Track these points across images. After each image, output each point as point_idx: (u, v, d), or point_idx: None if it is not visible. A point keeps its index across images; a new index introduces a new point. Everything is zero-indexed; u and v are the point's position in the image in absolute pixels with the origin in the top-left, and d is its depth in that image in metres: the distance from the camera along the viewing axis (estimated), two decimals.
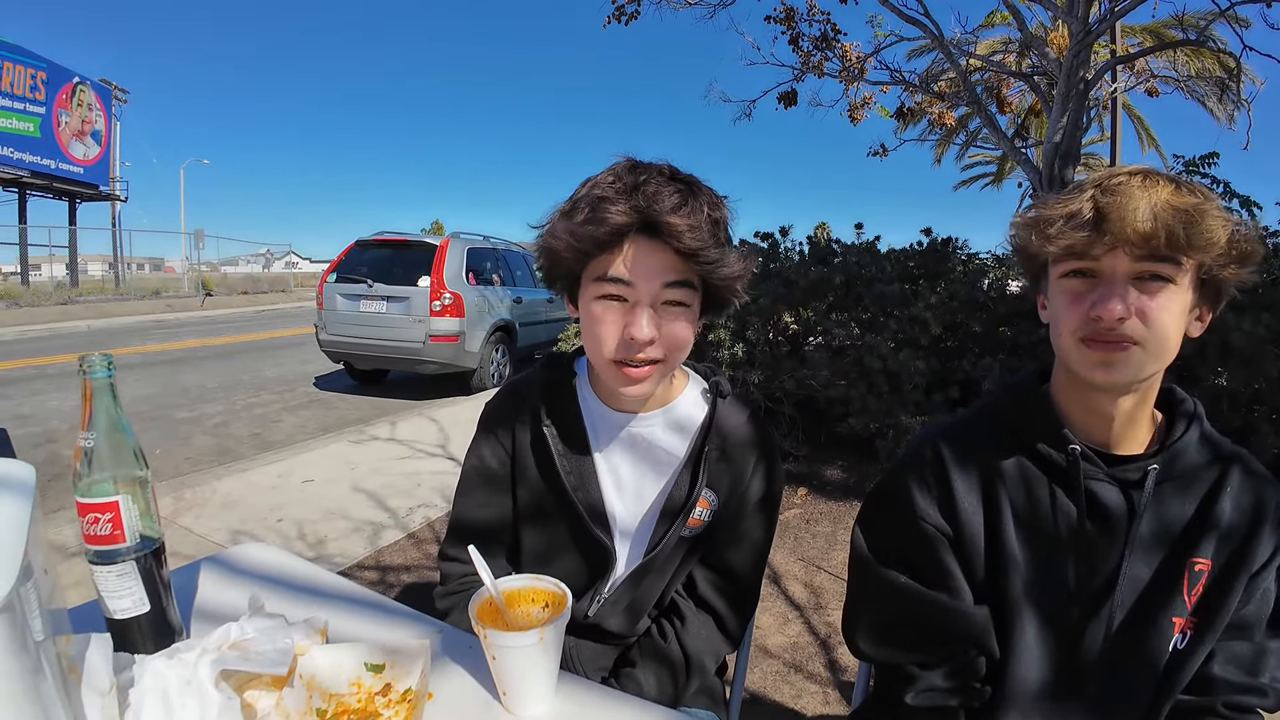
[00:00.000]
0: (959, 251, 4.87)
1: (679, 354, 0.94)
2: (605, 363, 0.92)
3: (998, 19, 11.65)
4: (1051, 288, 0.85)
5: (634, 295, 0.88)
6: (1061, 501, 0.86)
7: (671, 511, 1.02)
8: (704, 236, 0.86)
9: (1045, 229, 0.80)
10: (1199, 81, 10.21)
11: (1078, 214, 0.78)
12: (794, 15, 8.12)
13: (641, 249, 0.87)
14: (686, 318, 0.92)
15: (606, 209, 0.85)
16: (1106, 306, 0.76)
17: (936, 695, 0.90)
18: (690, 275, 0.89)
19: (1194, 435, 0.86)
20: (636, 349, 0.89)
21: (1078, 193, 0.80)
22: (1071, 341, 0.81)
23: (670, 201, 0.84)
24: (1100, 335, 0.78)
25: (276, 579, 1.01)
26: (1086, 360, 0.80)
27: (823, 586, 2.83)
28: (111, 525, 0.75)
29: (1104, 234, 0.76)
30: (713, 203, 0.90)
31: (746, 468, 1.04)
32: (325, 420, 6.02)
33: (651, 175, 0.87)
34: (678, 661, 1.04)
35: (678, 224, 0.84)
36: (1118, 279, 0.77)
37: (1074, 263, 0.80)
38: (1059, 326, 0.83)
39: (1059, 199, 0.81)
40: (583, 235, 0.86)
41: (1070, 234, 0.78)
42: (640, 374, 0.91)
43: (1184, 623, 0.84)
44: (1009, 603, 0.87)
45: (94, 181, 21.45)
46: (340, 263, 7.10)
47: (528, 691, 0.74)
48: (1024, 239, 0.85)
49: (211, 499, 3.65)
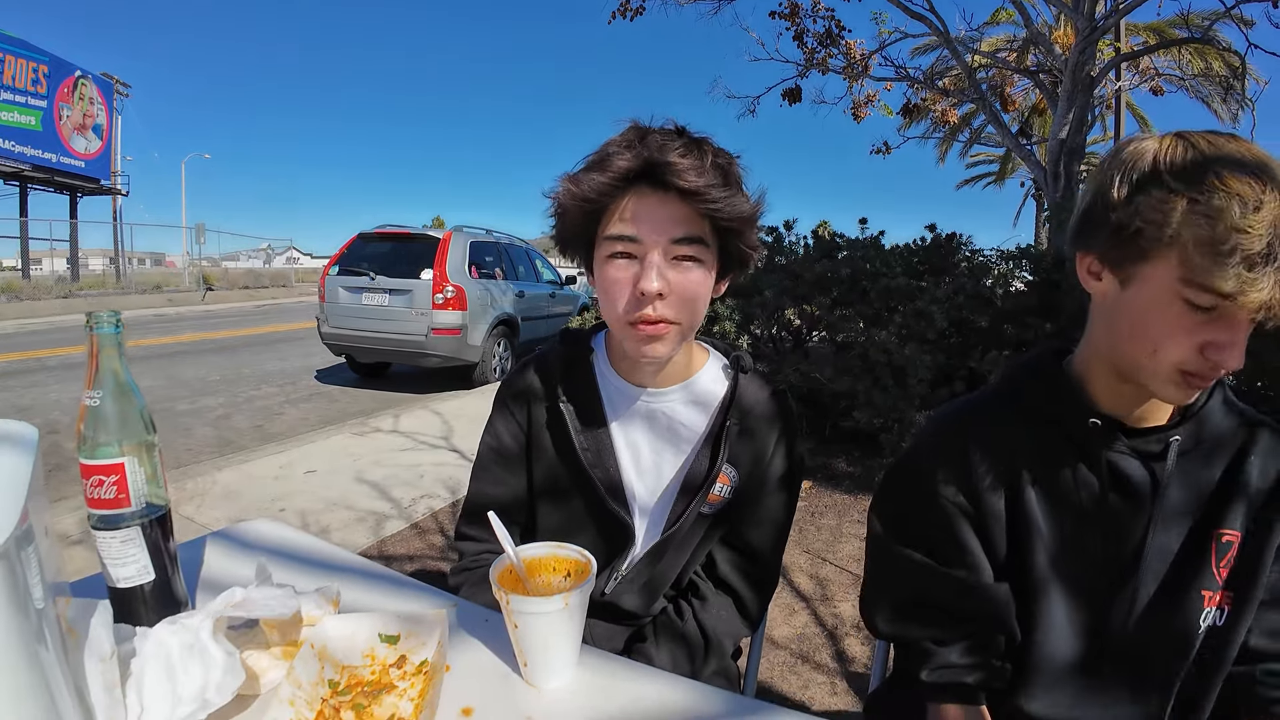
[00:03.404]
0: (963, 248, 4.86)
1: (694, 313, 0.91)
2: (621, 324, 0.91)
3: (1003, 16, 11.63)
4: (1157, 293, 0.72)
5: (642, 250, 0.87)
6: (1083, 474, 0.84)
7: (691, 487, 1.00)
8: (709, 178, 0.84)
9: (1234, 254, 0.65)
10: (1203, 81, 10.18)
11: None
12: (798, 11, 8.10)
13: (646, 201, 0.86)
14: (700, 274, 0.89)
15: (610, 158, 0.85)
16: (1232, 359, 0.70)
17: (953, 672, 0.87)
18: (699, 228, 0.87)
19: (1217, 400, 0.84)
20: (647, 303, 0.87)
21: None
22: (1169, 367, 0.73)
23: (676, 149, 0.84)
24: (1205, 373, 0.72)
25: (286, 553, 0.99)
26: (1177, 388, 0.75)
27: (829, 578, 2.81)
28: (116, 489, 0.72)
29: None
30: (720, 153, 0.89)
31: (768, 444, 1.02)
32: (327, 413, 6.00)
33: (657, 131, 0.88)
34: (695, 640, 1.01)
35: (680, 163, 0.83)
36: (1243, 326, 0.70)
37: (1209, 297, 0.68)
38: (1160, 344, 0.73)
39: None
40: (587, 183, 0.86)
41: (1259, 283, 0.65)
42: (655, 331, 0.89)
43: (1220, 597, 0.82)
44: (1034, 578, 0.85)
45: (95, 175, 21.38)
46: (343, 255, 7.08)
47: (550, 662, 0.71)
48: (1175, 222, 0.69)
49: (212, 489, 3.62)
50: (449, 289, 6.55)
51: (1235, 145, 0.71)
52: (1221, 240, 0.65)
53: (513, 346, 7.53)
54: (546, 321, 8.41)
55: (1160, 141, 0.75)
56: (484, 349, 6.91)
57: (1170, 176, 0.71)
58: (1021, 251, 4.69)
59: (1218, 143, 0.71)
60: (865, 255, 4.69)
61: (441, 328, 6.53)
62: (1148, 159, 0.74)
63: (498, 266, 7.66)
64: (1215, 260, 0.65)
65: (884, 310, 4.28)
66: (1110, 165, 0.77)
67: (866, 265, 4.51)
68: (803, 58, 8.37)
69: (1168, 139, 0.74)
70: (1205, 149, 0.71)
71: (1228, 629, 0.82)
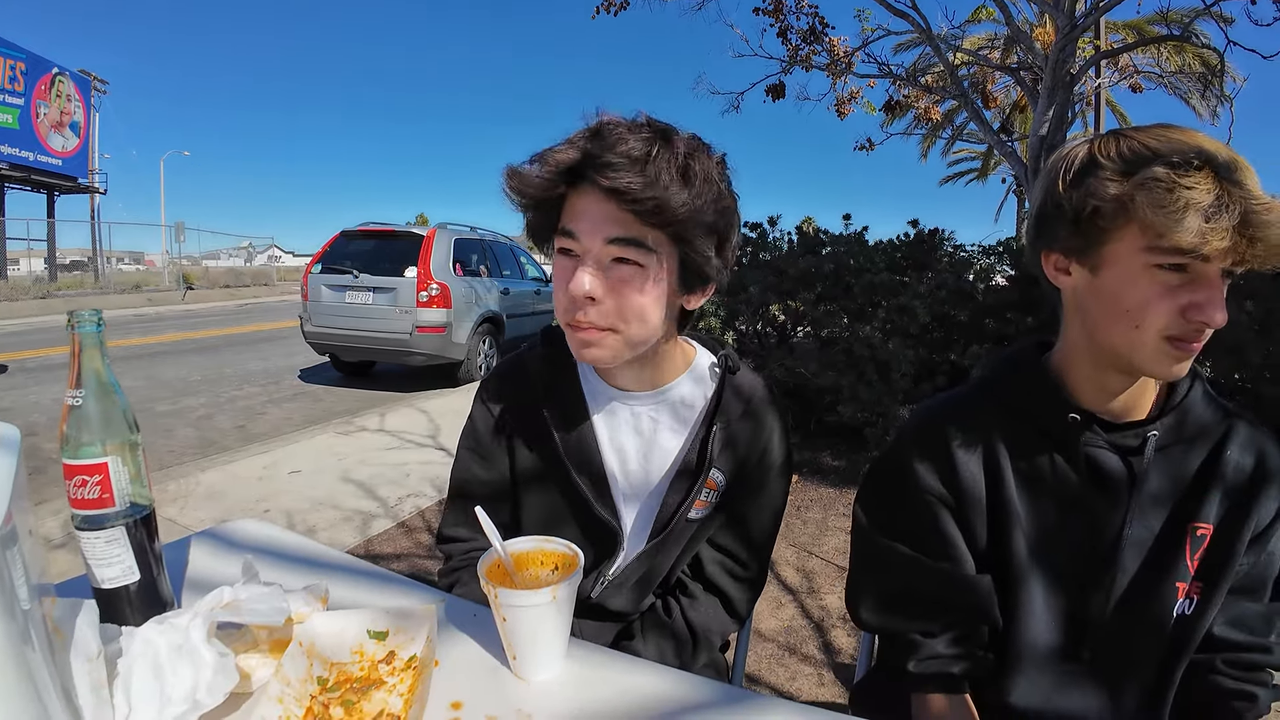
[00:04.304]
0: (945, 243, 4.90)
1: (634, 325, 0.85)
2: (562, 324, 0.89)
3: (984, 14, 11.72)
4: (1128, 268, 0.74)
5: (580, 249, 0.83)
6: (1061, 467, 0.85)
7: (680, 491, 0.98)
8: (649, 177, 0.77)
9: (1187, 210, 0.67)
10: (1181, 78, 10.32)
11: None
12: (782, 7, 8.11)
13: (587, 198, 0.82)
14: (639, 282, 0.83)
15: (553, 151, 0.81)
16: (1215, 315, 0.71)
17: (940, 663, 0.89)
18: (638, 231, 0.81)
19: (1198, 392, 0.85)
20: (578, 307, 0.83)
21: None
22: (1155, 337, 0.74)
23: (626, 145, 0.78)
24: (1190, 336, 0.74)
25: (272, 552, 0.98)
26: (1167, 357, 0.75)
27: (815, 571, 2.84)
28: (100, 488, 0.72)
29: (1253, 241, 0.68)
30: (688, 151, 0.81)
31: (756, 445, 1.00)
32: (311, 412, 5.95)
33: (619, 124, 0.81)
34: (683, 637, 1.01)
35: (613, 160, 0.77)
36: (1217, 282, 0.72)
37: (1178, 257, 0.71)
38: (1142, 316, 0.74)
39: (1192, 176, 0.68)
40: (523, 176, 0.83)
41: (1219, 232, 0.67)
42: (587, 337, 0.85)
43: (1188, 587, 0.84)
44: (1015, 568, 0.86)
45: (72, 174, 21.07)
46: (325, 254, 7.02)
47: (538, 654, 0.72)
48: (1124, 195, 0.72)
49: (196, 490, 3.59)
50: (433, 287, 6.51)
51: (1163, 129, 0.74)
52: (1172, 199, 0.67)
53: (498, 344, 7.50)
54: (532, 319, 8.38)
55: (1092, 141, 0.79)
56: (469, 347, 6.89)
57: (1110, 161, 0.74)
58: (1003, 246, 4.73)
59: (1147, 129, 0.75)
60: (849, 251, 4.72)
61: (426, 326, 6.49)
62: (1084, 152, 0.78)
63: (482, 264, 7.63)
64: (1172, 219, 0.68)
65: (868, 305, 4.31)
66: (1051, 168, 0.81)
67: (850, 261, 4.54)
68: (786, 54, 8.39)
69: (1099, 137, 0.78)
70: (1136, 134, 0.75)
71: (1195, 618, 0.84)
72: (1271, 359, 3.23)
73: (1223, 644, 0.86)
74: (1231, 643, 0.85)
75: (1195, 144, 0.71)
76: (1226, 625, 0.85)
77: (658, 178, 0.77)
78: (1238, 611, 0.86)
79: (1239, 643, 0.85)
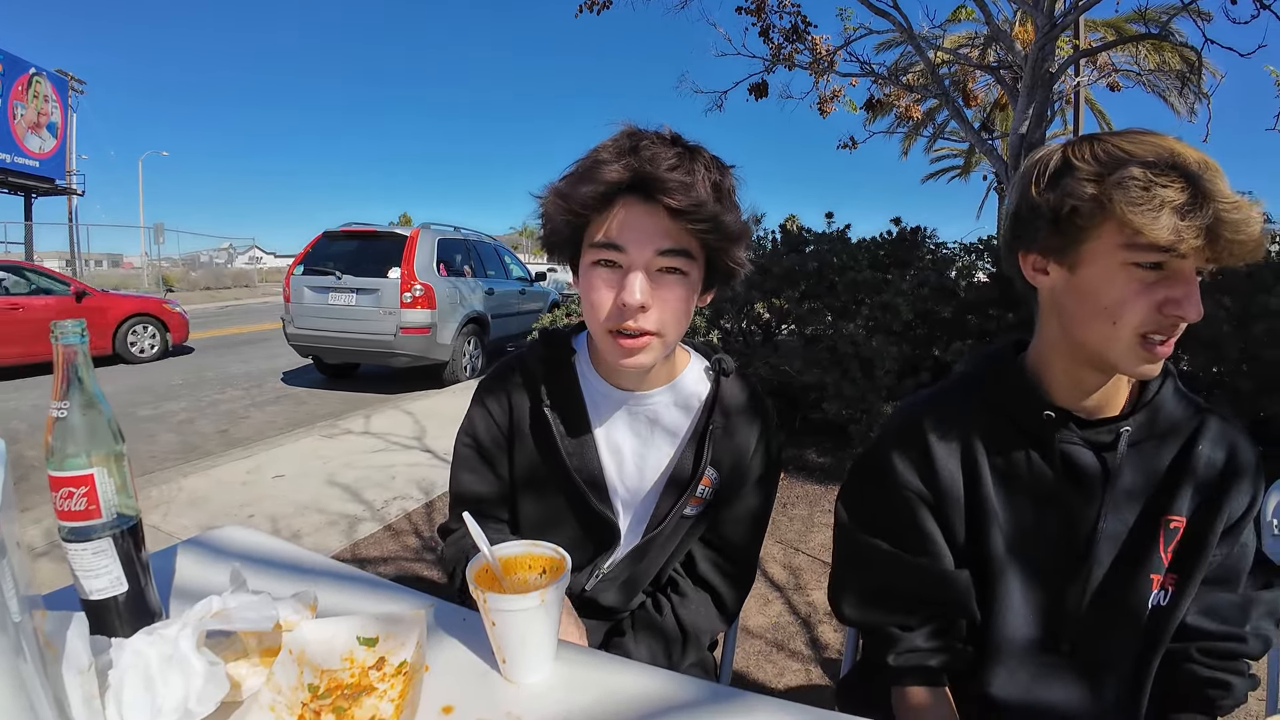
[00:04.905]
0: (928, 241, 4.95)
1: (676, 327, 0.91)
2: (602, 332, 0.91)
3: (965, 14, 11.82)
4: (1105, 266, 0.77)
5: (627, 260, 0.86)
6: (1037, 463, 0.87)
7: (675, 490, 1.01)
8: (699, 195, 0.83)
9: (1163, 208, 0.70)
10: (1159, 75, 10.45)
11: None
12: (765, 6, 8.14)
13: (634, 211, 0.85)
14: (684, 288, 0.89)
15: (600, 168, 0.84)
16: (1191, 309, 0.73)
17: (919, 656, 0.91)
18: (686, 242, 0.87)
19: (1169, 389, 0.87)
20: (629, 315, 0.87)
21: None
22: (1131, 334, 0.76)
23: (668, 161, 0.83)
24: (1166, 332, 0.76)
25: (260, 559, 0.98)
26: (1140, 357, 0.78)
27: (801, 567, 2.86)
28: (86, 500, 0.71)
29: (1224, 238, 0.70)
30: (714, 166, 0.87)
31: (748, 446, 1.03)
32: (295, 415, 5.91)
33: (651, 138, 0.86)
34: (673, 635, 1.03)
35: (671, 180, 0.82)
36: (1192, 279, 0.74)
37: (1155, 254, 0.73)
38: (1119, 313, 0.76)
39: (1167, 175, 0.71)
40: (575, 196, 0.85)
41: (1193, 229, 0.69)
42: (636, 344, 0.89)
43: (1163, 579, 0.86)
44: (992, 562, 0.88)
45: (50, 175, 20.72)
46: (308, 255, 6.97)
47: (527, 658, 0.73)
48: (1101, 195, 0.74)
49: (178, 496, 3.56)
50: (417, 287, 6.49)
51: (1136, 132, 0.77)
52: (1149, 197, 0.70)
53: (483, 344, 7.49)
54: (517, 318, 8.37)
55: (1065, 146, 0.81)
56: (454, 347, 6.87)
57: (1085, 163, 0.76)
58: (984, 243, 4.78)
59: (1120, 133, 0.78)
60: (832, 249, 4.75)
61: (410, 327, 6.47)
62: (1058, 156, 0.80)
63: (466, 264, 7.60)
64: (1148, 216, 0.70)
65: (851, 303, 4.34)
66: (1026, 172, 0.83)
67: (834, 259, 4.57)
68: (769, 53, 8.41)
69: (1072, 142, 0.81)
70: (1109, 138, 0.77)
71: (1169, 609, 0.86)
72: (1247, 353, 3.29)
73: (1197, 633, 0.88)
74: (1205, 632, 0.87)
75: (1168, 146, 0.73)
76: (1200, 615, 0.87)
77: (703, 195, 0.83)
78: (1212, 602, 0.88)
79: (1213, 632, 0.87)
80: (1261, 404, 3.23)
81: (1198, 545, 0.85)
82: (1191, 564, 0.85)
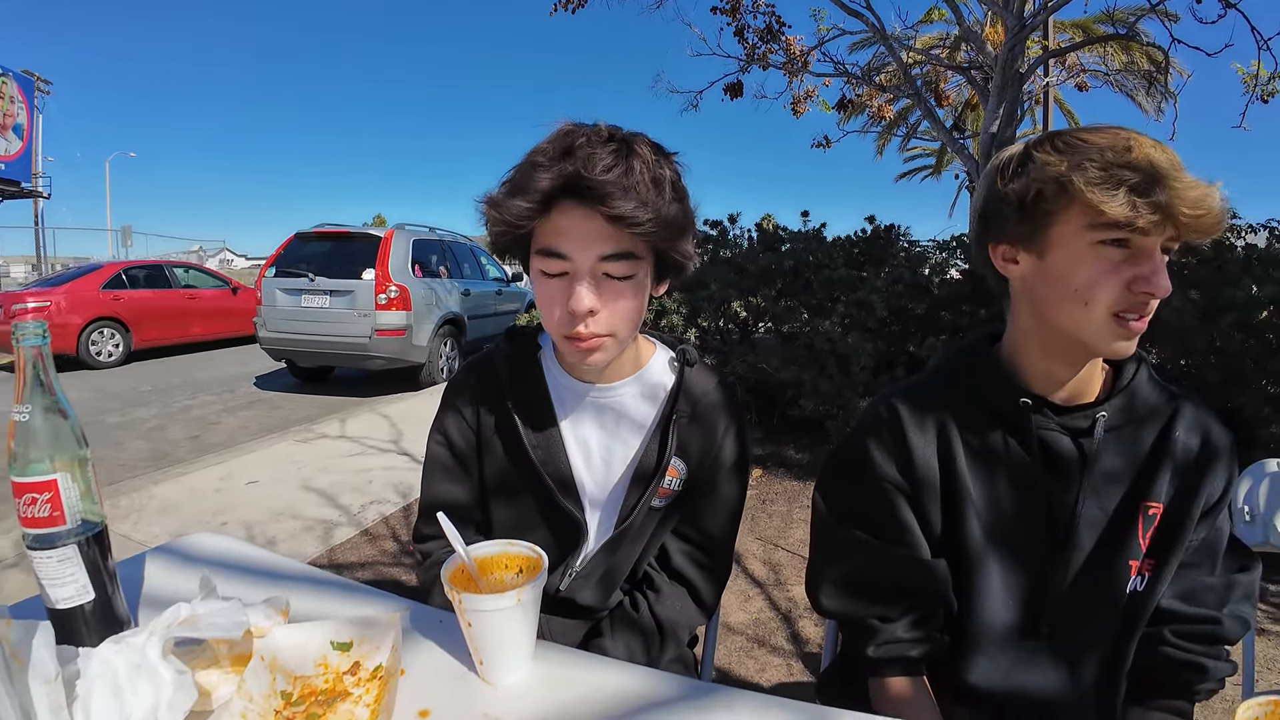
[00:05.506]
0: (901, 239, 5.01)
1: (628, 325, 0.91)
2: (557, 336, 0.91)
3: (936, 15, 11.95)
4: (1074, 249, 0.78)
5: (572, 267, 0.85)
6: (1015, 450, 0.88)
7: (641, 480, 1.01)
8: (638, 196, 0.81)
9: (1121, 185, 0.73)
10: (1127, 75, 10.64)
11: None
12: (739, 7, 8.17)
13: (573, 217, 0.83)
14: (632, 287, 0.88)
15: (533, 176, 0.82)
16: (1159, 283, 0.75)
17: (898, 647, 0.91)
18: (629, 245, 0.85)
19: (1143, 375, 0.89)
20: (579, 321, 0.86)
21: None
22: (1104, 313, 0.78)
23: (603, 163, 0.80)
24: (1137, 309, 0.77)
25: (231, 565, 0.97)
26: (1114, 335, 0.79)
27: (781, 563, 2.88)
28: (50, 506, 0.70)
29: (1165, 213, 0.72)
30: (654, 160, 0.85)
31: (715, 435, 1.04)
32: (268, 420, 5.83)
33: (587, 137, 0.83)
34: (650, 630, 1.03)
35: (606, 184, 0.79)
36: (1157, 254, 0.76)
37: (1118, 231, 0.75)
38: (1090, 293, 0.78)
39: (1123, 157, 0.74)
40: (510, 208, 0.83)
41: (1151, 205, 0.72)
42: (589, 345, 0.89)
43: (1140, 564, 0.87)
44: (970, 550, 0.89)
45: (15, 178, 20.22)
46: (279, 256, 6.86)
47: (505, 658, 0.72)
48: (1064, 177, 0.76)
49: (149, 504, 3.49)
50: (392, 289, 6.42)
51: (1094, 126, 0.80)
52: (1107, 176, 0.73)
53: (460, 346, 7.44)
54: (494, 319, 8.33)
55: (1027, 143, 0.84)
56: (430, 349, 6.81)
57: (1046, 154, 0.79)
58: (956, 241, 4.85)
59: (1079, 128, 0.81)
60: (808, 247, 4.79)
61: (385, 329, 6.40)
62: (1019, 149, 0.84)
63: (442, 265, 7.55)
64: (1110, 195, 0.73)
65: (827, 300, 4.38)
66: (991, 169, 0.86)
67: (809, 257, 4.61)
68: (744, 53, 8.45)
69: (1033, 140, 0.84)
70: (1069, 131, 0.81)
71: (1146, 594, 0.87)
72: (1215, 345, 3.37)
73: (1171, 616, 0.89)
74: (1180, 615, 0.89)
75: (1125, 133, 0.76)
76: (1175, 598, 0.89)
77: (642, 195, 0.81)
78: (1188, 585, 0.89)
79: (1187, 615, 0.89)
80: (1229, 394, 3.31)
81: (1175, 530, 0.86)
82: (1169, 549, 0.86)
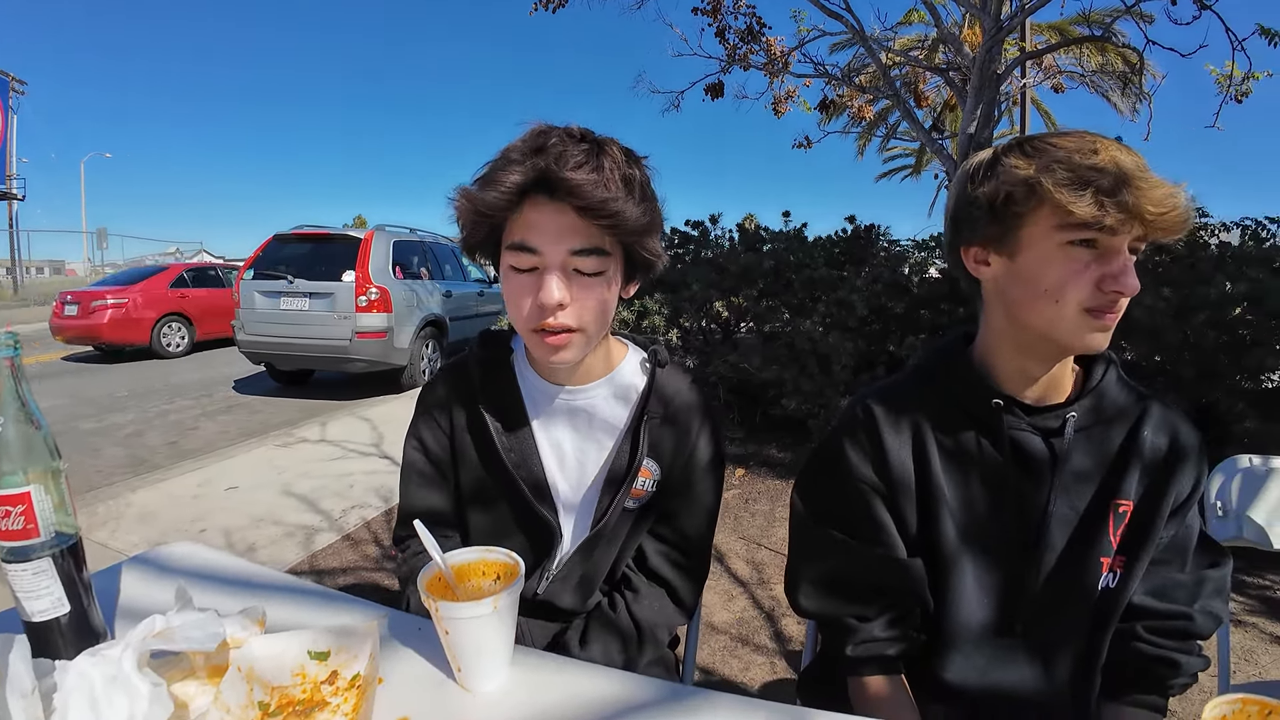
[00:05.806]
0: (881, 238, 5.06)
1: (597, 321, 0.92)
2: (526, 331, 0.92)
3: (915, 17, 12.05)
4: (1043, 249, 0.80)
5: (542, 261, 0.87)
6: (987, 450, 0.90)
7: (614, 482, 1.02)
8: (606, 191, 0.83)
9: (1088, 186, 0.75)
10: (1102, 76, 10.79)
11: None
12: (720, 7, 8.20)
13: (543, 211, 0.86)
14: (601, 283, 0.90)
15: (506, 169, 0.84)
16: (1128, 281, 0.77)
17: (876, 645, 0.93)
18: (599, 240, 0.87)
19: (1112, 376, 0.91)
20: (548, 314, 0.88)
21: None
22: (1075, 311, 0.80)
23: (575, 159, 0.82)
24: (1107, 307, 0.79)
25: (207, 575, 0.96)
26: (1087, 328, 0.81)
27: (764, 562, 2.90)
28: (24, 519, 0.69)
29: (1132, 212, 0.75)
30: (624, 160, 0.87)
31: (689, 435, 1.04)
32: (248, 425, 5.76)
33: (559, 136, 0.85)
34: (628, 632, 1.04)
35: (575, 177, 0.81)
36: (1125, 254, 0.78)
37: (1086, 231, 0.77)
38: (1061, 291, 0.80)
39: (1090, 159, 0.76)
40: (482, 199, 0.85)
41: (1118, 204, 0.74)
42: (558, 341, 0.90)
43: (1111, 561, 0.89)
44: (945, 549, 0.90)
45: None
46: (258, 258, 6.80)
47: (483, 665, 0.73)
48: (1032, 178, 0.78)
49: (127, 512, 3.44)
50: (372, 291, 6.38)
51: (1061, 131, 0.82)
52: (1074, 177, 0.76)
53: (441, 348, 7.40)
54: (476, 321, 8.29)
55: (996, 148, 0.86)
56: (412, 351, 6.77)
57: (1015, 157, 0.81)
58: (935, 241, 4.90)
59: (1046, 133, 0.83)
60: (789, 247, 4.82)
61: (366, 331, 6.36)
62: (988, 155, 0.86)
63: (423, 266, 7.51)
64: (1078, 196, 0.75)
65: (808, 300, 4.41)
66: (961, 174, 0.88)
67: (790, 257, 4.64)
68: (725, 54, 8.48)
69: (1002, 145, 0.86)
70: (1037, 137, 0.83)
71: (1118, 591, 0.89)
72: (1188, 342, 3.43)
73: (1143, 612, 0.91)
74: (1152, 611, 0.91)
75: (1091, 137, 0.79)
76: (1147, 595, 0.91)
77: (613, 191, 0.83)
78: (1160, 581, 0.91)
79: (1159, 611, 0.90)
80: (1202, 390, 3.37)
81: (1145, 528, 0.88)
82: (1139, 546, 0.88)
